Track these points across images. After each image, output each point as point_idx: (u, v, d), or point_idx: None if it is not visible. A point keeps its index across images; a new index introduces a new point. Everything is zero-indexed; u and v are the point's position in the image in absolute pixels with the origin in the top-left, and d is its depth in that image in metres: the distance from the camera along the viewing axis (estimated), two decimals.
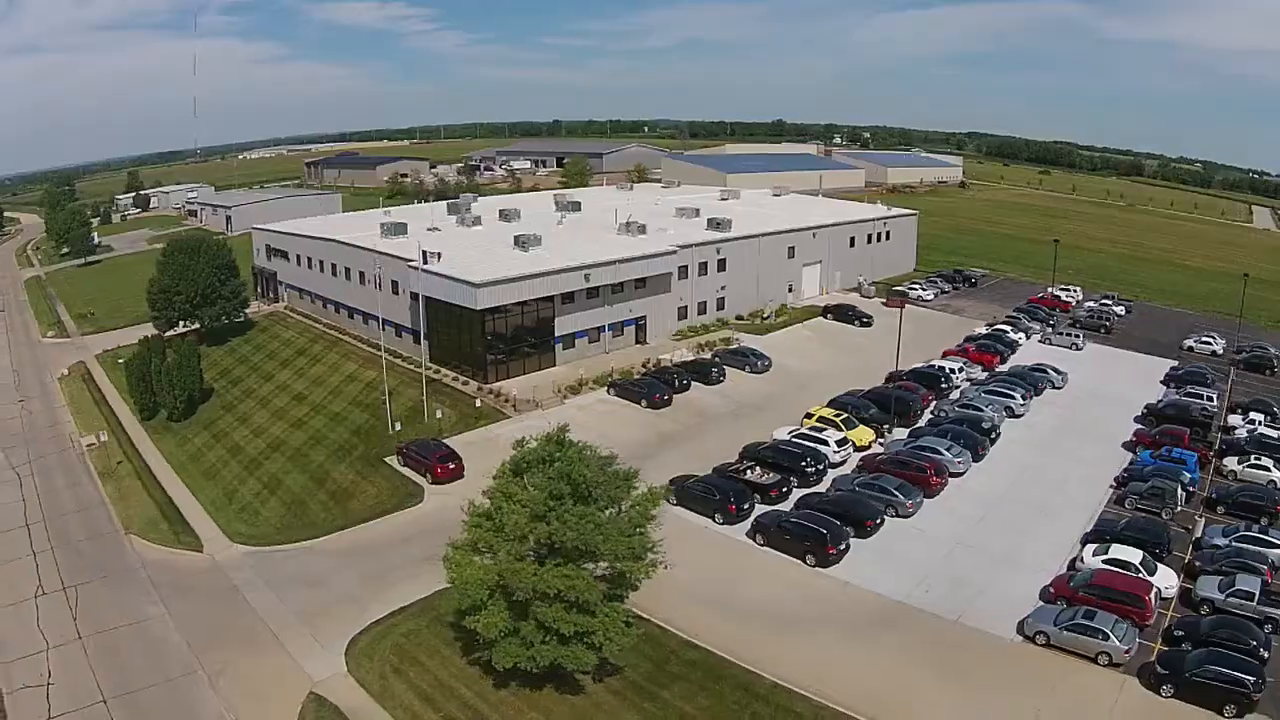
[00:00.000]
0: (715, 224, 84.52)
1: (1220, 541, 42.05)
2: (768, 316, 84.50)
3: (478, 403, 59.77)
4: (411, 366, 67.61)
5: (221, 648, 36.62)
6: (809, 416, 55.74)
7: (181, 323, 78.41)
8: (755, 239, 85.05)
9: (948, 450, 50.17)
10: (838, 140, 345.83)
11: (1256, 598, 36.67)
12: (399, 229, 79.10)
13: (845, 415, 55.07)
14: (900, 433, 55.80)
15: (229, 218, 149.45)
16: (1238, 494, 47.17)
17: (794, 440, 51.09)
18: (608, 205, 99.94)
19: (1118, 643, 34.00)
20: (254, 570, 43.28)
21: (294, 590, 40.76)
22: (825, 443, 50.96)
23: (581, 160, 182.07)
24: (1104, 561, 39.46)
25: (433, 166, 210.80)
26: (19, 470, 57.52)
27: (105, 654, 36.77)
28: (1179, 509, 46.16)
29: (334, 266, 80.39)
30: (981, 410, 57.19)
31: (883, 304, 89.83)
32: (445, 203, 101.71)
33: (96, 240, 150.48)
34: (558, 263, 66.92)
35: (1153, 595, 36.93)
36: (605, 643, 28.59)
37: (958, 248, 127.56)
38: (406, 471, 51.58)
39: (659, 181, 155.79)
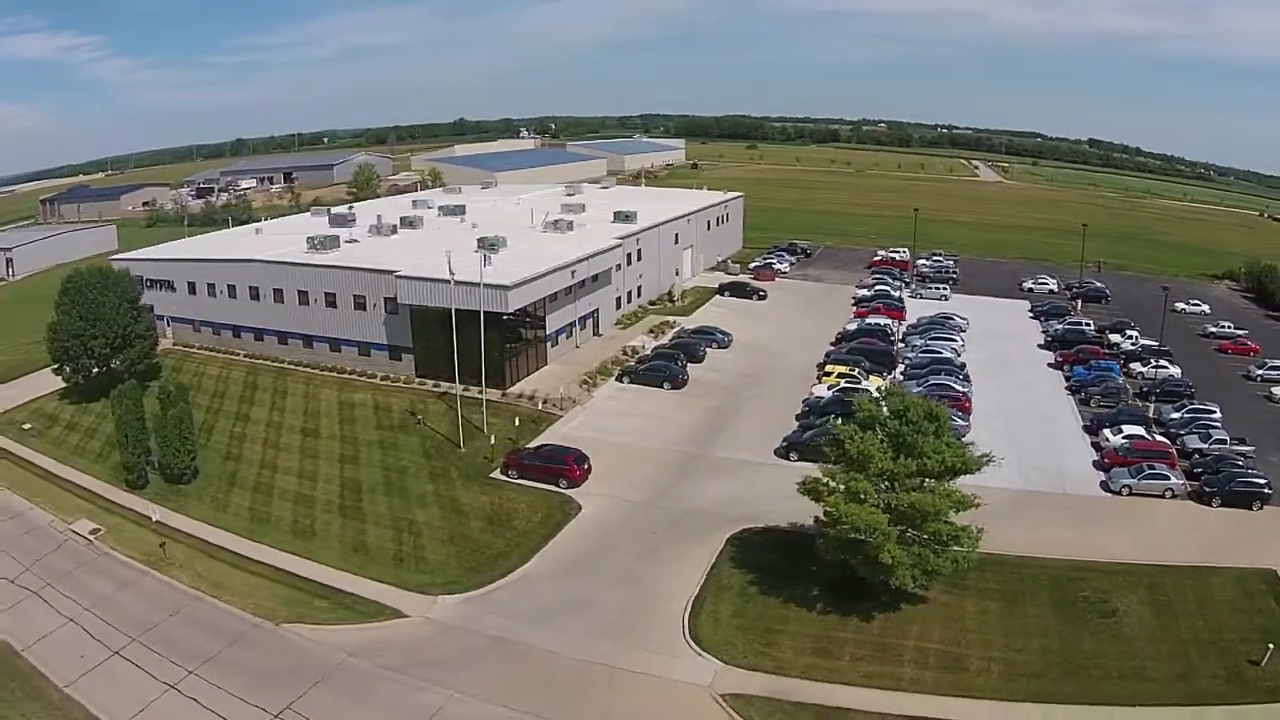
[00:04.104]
0: (623, 217, 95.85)
1: (1175, 416, 63.66)
2: (677, 299, 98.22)
3: (539, 406, 65.78)
4: (399, 384, 71.37)
5: (564, 698, 36.57)
6: (828, 374, 70.35)
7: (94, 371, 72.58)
8: (657, 228, 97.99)
9: (958, 384, 67.56)
10: (524, 133, 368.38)
11: (1229, 442, 58.25)
12: (331, 242, 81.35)
13: (856, 369, 70.53)
14: (898, 376, 72.58)
15: (10, 260, 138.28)
16: (1162, 384, 70.04)
17: (854, 392, 64.78)
18: (482, 207, 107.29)
19: (1178, 480, 53.16)
20: (493, 615, 42.59)
21: (567, 619, 41.55)
22: (869, 391, 65.67)
23: (369, 169, 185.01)
24: (1124, 438, 58.81)
25: (173, 189, 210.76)
26: (27, 584, 48.12)
27: None
28: (1129, 401, 67.74)
29: (255, 290, 79.31)
30: (942, 353, 75.80)
31: (752, 279, 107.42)
32: (327, 215, 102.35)
33: None
34: (551, 261, 74.14)
35: (1174, 450, 57.04)
36: (972, 542, 39.68)
37: (755, 224, 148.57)
38: (524, 482, 54.81)
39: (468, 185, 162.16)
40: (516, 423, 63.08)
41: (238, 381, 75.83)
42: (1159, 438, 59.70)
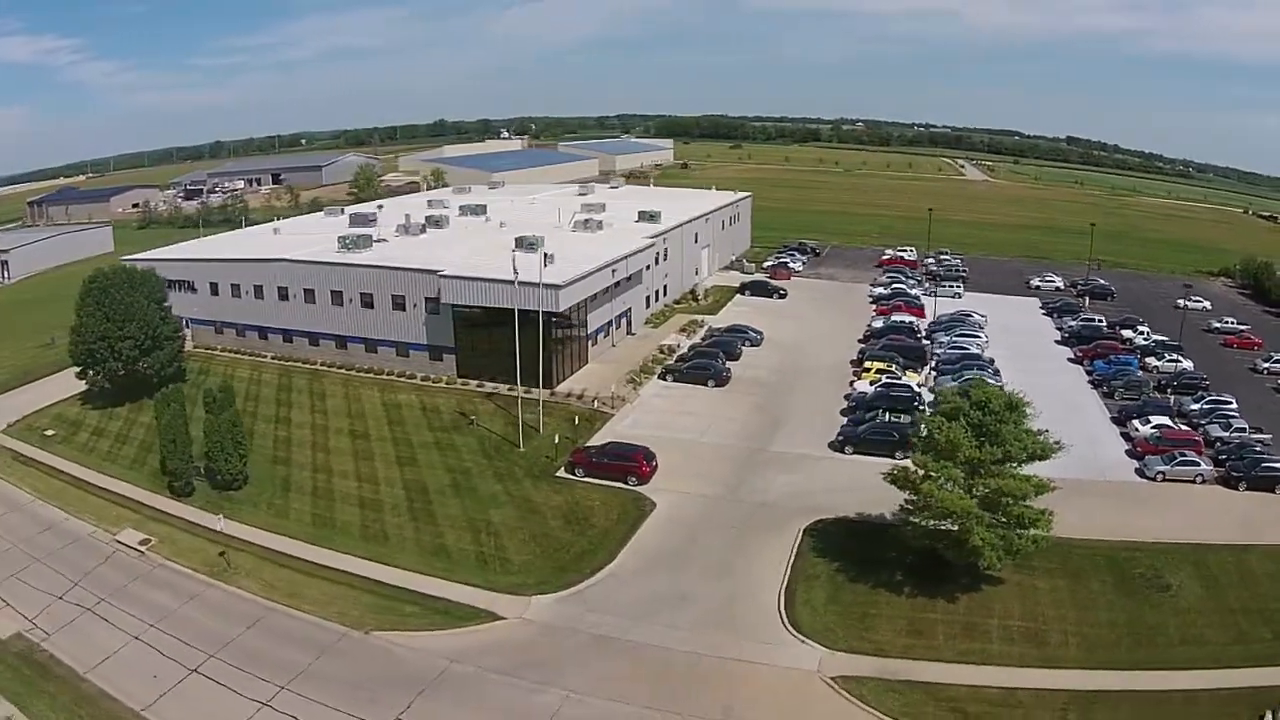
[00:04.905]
0: (648, 216, 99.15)
1: (1194, 407, 68.21)
2: (701, 298, 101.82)
3: (600, 405, 68.23)
4: (441, 384, 72.85)
5: (680, 691, 38.03)
6: (866, 370, 74.16)
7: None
8: (680, 228, 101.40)
9: (990, 379, 71.52)
10: (505, 133, 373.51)
11: (1248, 430, 62.88)
12: (364, 242, 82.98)
13: (892, 365, 74.35)
14: (931, 371, 76.59)
15: (6, 262, 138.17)
16: (1179, 378, 74.69)
17: (897, 388, 68.58)
18: (500, 207, 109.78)
19: (1207, 467, 57.57)
20: (591, 613, 43.63)
21: (665, 614, 43.09)
22: (909, 387, 69.77)
23: (370, 170, 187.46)
24: (1153, 428, 63.15)
25: (161, 191, 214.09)
26: (78, 601, 46.51)
27: None
28: (1149, 393, 72.24)
29: (285, 290, 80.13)
30: (969, 349, 79.99)
31: (769, 278, 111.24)
32: (341, 214, 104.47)
33: None
34: (593, 261, 76.92)
35: (1200, 438, 61.57)
36: (1046, 524, 43.13)
37: (757, 223, 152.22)
38: (591, 480, 56.46)
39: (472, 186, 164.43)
40: (576, 422, 65.05)
41: (270, 384, 75.70)
42: (1182, 427, 64.11)
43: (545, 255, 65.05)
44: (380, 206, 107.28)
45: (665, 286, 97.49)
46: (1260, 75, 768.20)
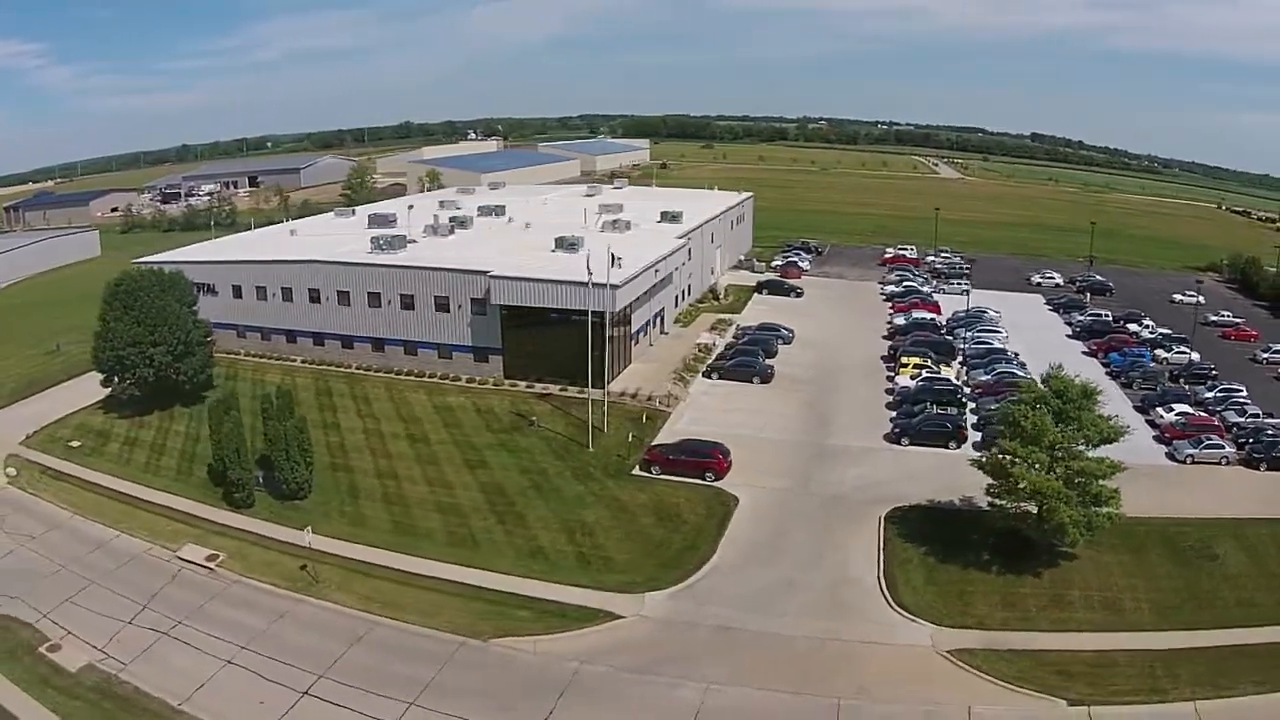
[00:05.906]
0: (670, 217, 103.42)
1: (1209, 395, 74.63)
2: (722, 298, 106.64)
3: (657, 404, 71.41)
4: (489, 386, 74.58)
5: (813, 673, 40.28)
6: (904, 366, 79.36)
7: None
8: (701, 228, 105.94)
9: (1019, 371, 77.34)
10: (472, 135, 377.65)
11: (1260, 416, 69.35)
12: (397, 243, 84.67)
13: (927, 361, 79.59)
14: (957, 365, 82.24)
15: None
16: (1189, 368, 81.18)
17: (939, 381, 73.67)
18: (515, 208, 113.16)
19: (1231, 450, 63.79)
20: (706, 606, 45.67)
21: (777, 602, 45.80)
22: (950, 380, 75.03)
23: (363, 171, 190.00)
24: (1177, 415, 69.30)
25: (141, 194, 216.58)
26: (152, 625, 44.82)
27: None
28: (1165, 383, 78.64)
29: (316, 292, 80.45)
30: (993, 344, 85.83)
31: (781, 276, 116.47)
32: (361, 214, 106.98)
33: None
34: (638, 261, 79.64)
35: (1219, 423, 67.93)
36: (1117, 501, 48.08)
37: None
38: (667, 477, 58.67)
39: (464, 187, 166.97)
40: (644, 420, 68.07)
41: (307, 388, 75.11)
42: (1202, 414, 70.40)
43: (613, 256, 67.03)
44: (411, 207, 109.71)
45: (690, 286, 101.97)
46: (1227, 71, 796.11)
